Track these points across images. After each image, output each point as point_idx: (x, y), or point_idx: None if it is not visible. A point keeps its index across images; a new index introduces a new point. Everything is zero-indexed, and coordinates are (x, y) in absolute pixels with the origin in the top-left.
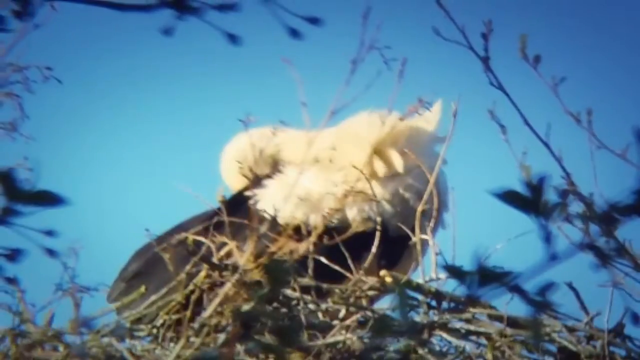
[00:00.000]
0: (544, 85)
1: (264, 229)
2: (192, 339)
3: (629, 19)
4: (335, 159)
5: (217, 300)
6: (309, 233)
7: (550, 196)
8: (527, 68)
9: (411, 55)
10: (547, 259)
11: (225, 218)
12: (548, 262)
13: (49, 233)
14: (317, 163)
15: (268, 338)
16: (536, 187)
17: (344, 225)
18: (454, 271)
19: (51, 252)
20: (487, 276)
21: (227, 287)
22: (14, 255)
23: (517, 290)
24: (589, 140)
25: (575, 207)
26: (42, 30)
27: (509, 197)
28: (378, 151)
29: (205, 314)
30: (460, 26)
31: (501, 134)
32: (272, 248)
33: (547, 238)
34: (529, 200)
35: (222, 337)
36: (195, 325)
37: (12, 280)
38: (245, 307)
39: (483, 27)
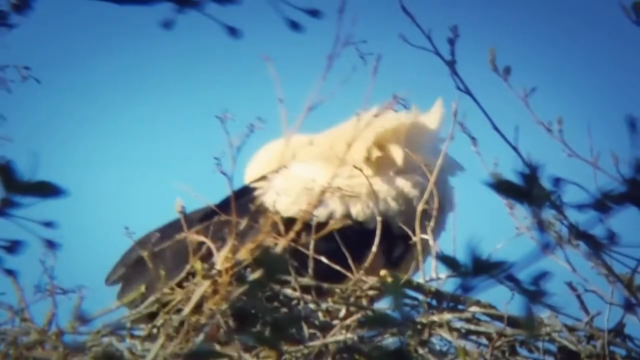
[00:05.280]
0: (514, 97)
1: (264, 223)
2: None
3: (597, 27)
4: (339, 154)
5: (195, 298)
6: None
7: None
8: (498, 79)
9: (386, 50)
10: (540, 248)
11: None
12: (541, 251)
13: (48, 225)
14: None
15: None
16: (530, 176)
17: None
18: (448, 261)
19: (51, 244)
20: (481, 266)
21: (206, 285)
22: (13, 247)
23: (510, 279)
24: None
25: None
26: (20, 29)
27: (503, 187)
28: (380, 146)
29: (184, 312)
30: (427, 31)
31: (472, 145)
32: (251, 242)
33: (540, 227)
34: (522, 189)
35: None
36: (175, 323)
37: (11, 273)
38: (230, 301)
39: (450, 33)
